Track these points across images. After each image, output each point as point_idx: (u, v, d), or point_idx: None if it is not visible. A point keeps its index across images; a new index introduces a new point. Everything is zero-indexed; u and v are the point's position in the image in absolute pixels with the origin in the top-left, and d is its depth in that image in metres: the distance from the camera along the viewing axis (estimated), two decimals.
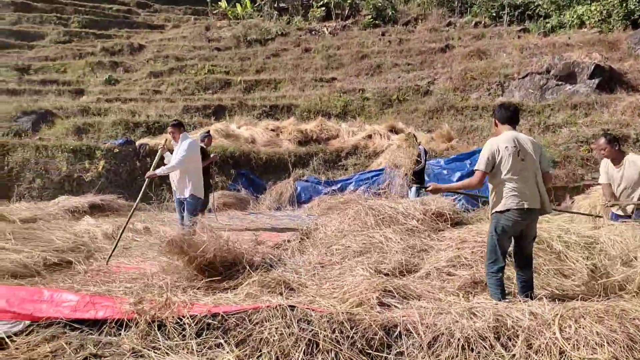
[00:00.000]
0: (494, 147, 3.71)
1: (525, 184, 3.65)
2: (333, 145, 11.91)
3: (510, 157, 3.65)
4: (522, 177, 3.66)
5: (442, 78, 15.47)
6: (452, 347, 2.96)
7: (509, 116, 3.83)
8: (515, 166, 3.64)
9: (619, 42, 15.01)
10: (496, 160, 3.68)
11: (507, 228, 3.66)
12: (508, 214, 3.64)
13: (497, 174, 3.70)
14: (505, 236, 3.70)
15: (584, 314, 3.12)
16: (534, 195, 3.65)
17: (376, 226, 5.02)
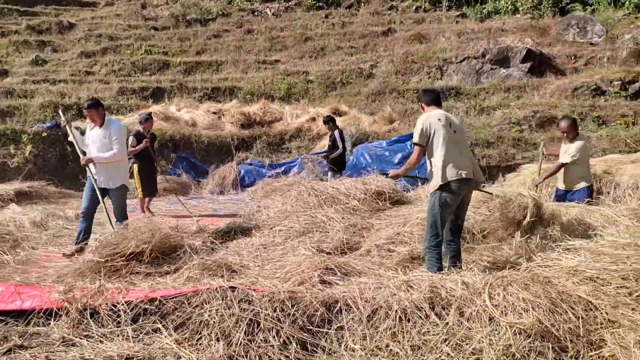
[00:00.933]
0: (426, 121, 3.84)
1: (460, 155, 3.81)
2: (277, 128, 11.83)
3: (443, 128, 3.79)
4: (456, 148, 3.81)
5: (384, 61, 15.69)
6: (390, 318, 3.05)
7: (433, 98, 4.03)
8: (448, 137, 3.78)
9: (548, 28, 15.81)
10: (430, 133, 3.80)
11: (449, 200, 3.79)
12: (449, 187, 3.76)
13: (433, 147, 3.81)
14: (447, 209, 3.82)
15: (512, 282, 3.30)
16: (469, 165, 3.82)
17: (319, 206, 5.06)
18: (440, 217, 3.81)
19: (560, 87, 12.82)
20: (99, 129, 5.04)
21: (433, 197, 3.85)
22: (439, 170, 3.78)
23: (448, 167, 3.76)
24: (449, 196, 3.78)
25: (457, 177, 3.75)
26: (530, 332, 2.89)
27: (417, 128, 3.86)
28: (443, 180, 3.76)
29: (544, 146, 6.54)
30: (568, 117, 6.01)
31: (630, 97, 12.30)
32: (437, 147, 3.79)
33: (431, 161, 3.88)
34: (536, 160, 6.53)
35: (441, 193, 3.79)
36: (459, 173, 3.76)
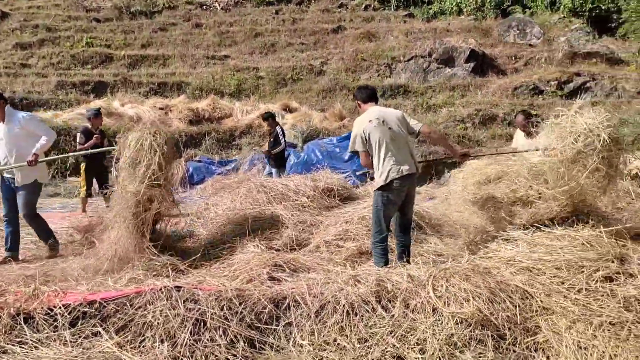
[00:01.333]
0: (359, 127, 3.91)
1: (399, 151, 3.86)
2: (226, 125, 11.66)
3: (378, 127, 3.84)
4: (394, 145, 3.85)
5: (334, 58, 15.79)
6: (338, 313, 3.09)
7: (369, 94, 4.07)
8: (385, 135, 3.83)
9: (491, 29, 16.46)
10: (365, 137, 3.86)
11: (392, 197, 3.86)
12: (391, 186, 3.83)
13: (372, 148, 3.87)
14: (390, 206, 3.89)
15: (454, 274, 3.42)
16: (409, 160, 3.90)
17: (268, 203, 5.04)
18: (383, 214, 3.87)
19: (502, 87, 13.39)
20: (2, 124, 4.52)
21: (376, 195, 3.91)
22: (380, 170, 3.86)
23: (388, 166, 3.82)
24: (392, 194, 3.85)
25: (399, 174, 3.82)
26: (471, 321, 3.01)
27: (353, 136, 3.94)
28: (384, 181, 3.83)
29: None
30: (524, 111, 6.14)
31: (565, 96, 13.03)
32: (375, 149, 3.86)
33: (374, 161, 3.94)
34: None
35: (383, 192, 3.86)
36: (400, 170, 3.82)
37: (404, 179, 3.86)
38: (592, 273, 3.34)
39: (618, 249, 3.53)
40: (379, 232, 3.90)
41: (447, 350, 2.84)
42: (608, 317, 2.95)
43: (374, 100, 4.06)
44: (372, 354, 2.83)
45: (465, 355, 2.83)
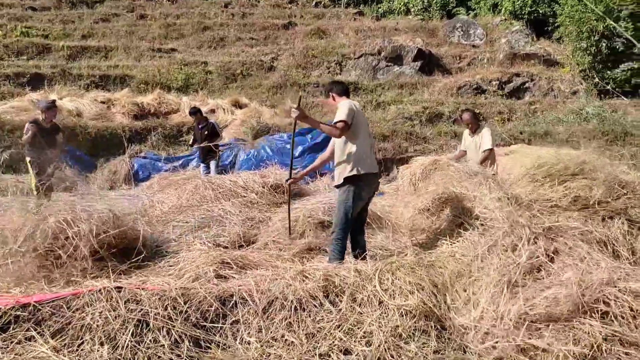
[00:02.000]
0: (352, 104, 3.80)
1: (371, 149, 3.92)
2: (173, 120, 11.34)
3: (362, 119, 3.85)
4: (369, 141, 3.89)
5: (285, 54, 15.72)
6: (286, 309, 3.08)
7: (345, 89, 4.04)
8: (365, 129, 3.86)
9: (437, 29, 16.94)
10: (354, 115, 3.74)
11: (364, 193, 3.83)
12: (364, 178, 3.78)
13: (353, 133, 3.75)
14: (360, 202, 3.84)
15: (400, 267, 3.50)
16: (374, 159, 3.97)
17: (216, 200, 4.95)
18: (352, 209, 3.78)
19: (447, 85, 13.82)
20: None
21: (347, 188, 3.78)
22: (357, 159, 3.75)
23: (364, 158, 3.77)
24: (364, 188, 3.81)
25: (371, 170, 3.82)
26: (415, 313, 3.09)
27: (344, 108, 3.72)
28: (359, 172, 3.74)
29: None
30: (469, 109, 6.32)
31: (506, 95, 13.64)
32: (358, 136, 3.77)
33: (347, 148, 3.79)
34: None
35: (357, 185, 3.76)
36: (372, 167, 3.84)
37: (374, 177, 3.89)
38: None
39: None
40: (343, 229, 3.80)
41: (393, 342, 2.90)
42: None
43: (348, 96, 4.02)
44: (319, 349, 2.85)
45: (410, 346, 2.90)
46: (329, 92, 4.06)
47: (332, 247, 3.86)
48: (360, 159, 3.76)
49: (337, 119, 3.71)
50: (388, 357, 2.81)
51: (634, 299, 2.86)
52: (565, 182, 4.44)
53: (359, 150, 3.76)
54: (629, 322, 2.75)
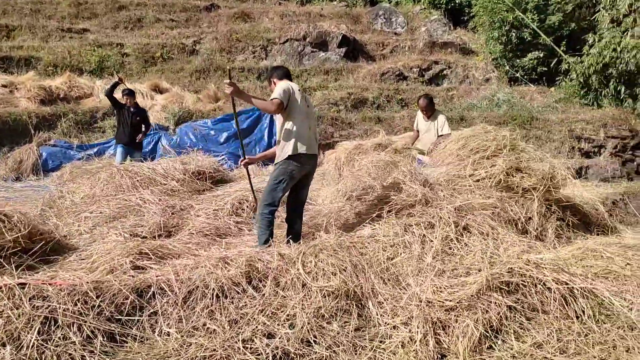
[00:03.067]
0: (289, 85, 3.83)
1: (309, 130, 3.91)
2: (86, 105, 10.60)
3: (300, 99, 3.84)
4: (308, 122, 3.88)
5: (208, 38, 15.20)
6: (207, 297, 3.02)
7: (286, 72, 4.05)
8: (303, 110, 3.85)
9: (360, 16, 17.16)
10: (290, 96, 3.78)
11: (294, 173, 3.84)
12: (298, 159, 3.81)
13: (290, 113, 3.80)
14: (291, 181, 3.87)
15: (323, 249, 3.55)
16: (314, 143, 3.97)
17: (133, 189, 4.71)
18: (282, 187, 3.83)
19: (371, 72, 14.09)
20: None
21: (280, 166, 3.84)
22: (292, 139, 3.79)
23: (301, 138, 3.81)
24: (297, 168, 3.83)
25: (307, 151, 3.84)
26: (337, 294, 3.15)
27: (280, 87, 3.78)
28: (294, 151, 3.78)
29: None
30: (426, 95, 6.50)
31: (426, 82, 14.16)
32: (294, 115, 3.80)
33: (284, 128, 3.85)
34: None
35: (289, 164, 3.81)
36: (309, 148, 3.85)
37: (310, 157, 3.90)
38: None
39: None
40: (270, 204, 3.84)
41: (316, 323, 2.95)
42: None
43: (289, 79, 4.01)
44: (242, 335, 2.82)
45: (332, 326, 2.97)
46: (270, 77, 4.10)
47: (260, 223, 3.87)
48: (296, 139, 3.80)
49: (273, 95, 3.78)
50: (311, 337, 2.85)
51: (535, 269, 3.11)
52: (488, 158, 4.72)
53: (294, 130, 3.80)
54: (530, 290, 2.99)
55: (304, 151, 3.82)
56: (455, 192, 4.45)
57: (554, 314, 2.82)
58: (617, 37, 11.35)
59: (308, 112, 3.95)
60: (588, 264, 3.34)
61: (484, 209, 4.19)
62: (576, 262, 3.36)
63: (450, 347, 2.75)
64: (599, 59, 11.58)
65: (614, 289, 3.09)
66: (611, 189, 7.24)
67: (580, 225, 4.75)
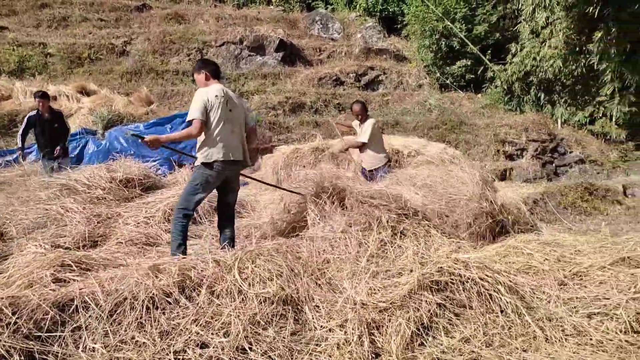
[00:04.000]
0: (205, 96, 3.73)
1: (232, 135, 3.81)
2: (4, 108, 9.87)
3: (220, 106, 3.74)
4: (229, 127, 3.79)
5: (139, 39, 14.67)
6: (137, 309, 2.89)
7: (217, 71, 3.96)
8: (223, 115, 3.74)
9: (297, 21, 17.27)
10: (207, 108, 3.70)
11: (211, 179, 3.76)
12: (214, 166, 3.73)
13: (207, 123, 3.72)
14: (208, 187, 3.80)
15: (259, 255, 3.51)
16: (239, 147, 3.87)
17: (55, 198, 4.42)
18: (198, 193, 3.76)
19: (308, 77, 14.20)
20: None
21: (198, 172, 3.78)
22: (208, 147, 3.73)
23: (217, 146, 3.73)
24: (212, 175, 3.76)
25: (224, 158, 3.75)
26: (274, 299, 3.13)
27: (196, 103, 3.71)
28: (208, 159, 3.72)
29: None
30: (359, 101, 6.53)
31: (362, 87, 14.48)
32: (212, 124, 3.72)
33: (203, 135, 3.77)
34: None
35: (204, 170, 3.75)
36: (226, 154, 3.76)
37: (228, 163, 3.81)
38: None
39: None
40: (185, 208, 3.75)
41: (251, 330, 2.90)
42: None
43: (218, 78, 3.94)
44: (174, 346, 2.72)
45: (268, 331, 2.93)
46: (200, 69, 3.95)
47: (174, 227, 3.74)
48: (212, 146, 3.74)
49: (189, 117, 3.71)
50: (246, 345, 2.80)
51: (463, 267, 3.24)
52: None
53: (210, 138, 3.74)
54: (458, 287, 3.12)
55: (221, 158, 3.75)
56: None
57: (480, 309, 2.96)
58: (536, 47, 12.20)
59: (231, 117, 3.84)
60: (511, 260, 3.54)
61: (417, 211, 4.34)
62: (500, 259, 3.55)
63: (384, 346, 2.80)
64: (521, 67, 12.39)
65: (533, 283, 3.29)
66: (532, 189, 7.74)
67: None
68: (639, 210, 7.28)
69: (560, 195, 7.38)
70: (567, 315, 3.03)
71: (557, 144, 11.14)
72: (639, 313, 2.92)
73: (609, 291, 3.10)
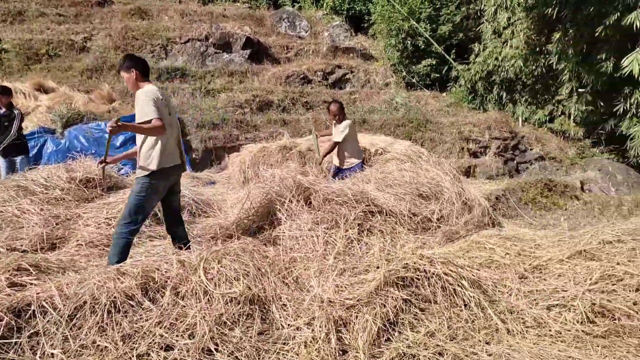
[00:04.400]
0: (152, 95, 3.46)
1: (172, 138, 3.66)
2: None
3: (164, 107, 3.56)
4: (170, 131, 3.60)
5: (101, 34, 14.22)
6: (98, 314, 2.81)
7: (147, 69, 3.65)
8: (167, 120, 3.53)
9: (264, 19, 17.12)
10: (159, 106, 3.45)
11: (161, 188, 3.62)
12: (162, 173, 3.56)
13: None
14: (156, 196, 3.62)
15: (225, 254, 3.47)
16: (177, 150, 3.73)
17: (10, 199, 4.24)
18: (147, 204, 3.55)
19: (276, 75, 14.11)
20: None
21: (143, 181, 3.53)
22: (155, 154, 3.52)
23: (164, 152, 3.55)
24: (161, 183, 3.59)
25: (172, 163, 3.62)
26: (240, 299, 3.10)
27: (149, 102, 3.38)
28: (159, 166, 3.52)
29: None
30: (336, 101, 6.50)
31: (330, 86, 14.50)
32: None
33: (146, 140, 3.54)
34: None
35: (152, 179, 3.52)
36: (173, 159, 3.63)
37: (175, 168, 3.68)
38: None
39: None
40: (133, 222, 3.50)
41: (217, 330, 2.87)
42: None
43: (148, 77, 3.64)
44: (137, 349, 2.67)
45: (235, 332, 2.90)
46: (129, 68, 3.60)
47: (116, 242, 3.47)
48: (160, 153, 3.53)
49: (146, 117, 3.37)
50: (212, 346, 2.76)
51: (428, 263, 3.30)
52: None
53: (158, 144, 3.53)
54: (423, 282, 3.17)
55: (169, 164, 3.59)
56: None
57: (445, 303, 3.01)
58: (498, 47, 12.53)
59: (170, 120, 3.64)
60: (474, 255, 3.63)
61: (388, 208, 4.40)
62: (463, 254, 3.63)
63: (351, 342, 2.82)
64: (483, 67, 12.70)
65: (495, 277, 3.38)
66: (495, 185, 7.95)
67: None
68: (595, 205, 7.59)
69: (521, 192, 7.61)
70: (527, 307, 3.13)
71: (519, 142, 11.48)
72: (594, 304, 3.04)
73: (567, 283, 3.22)
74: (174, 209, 3.89)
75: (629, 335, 2.86)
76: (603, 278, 3.14)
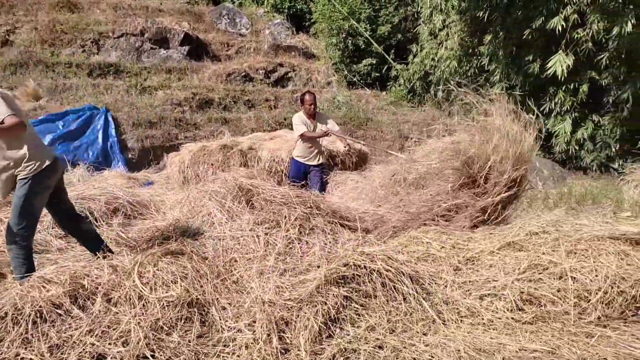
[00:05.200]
0: (2, 92, 3.24)
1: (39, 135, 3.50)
2: None
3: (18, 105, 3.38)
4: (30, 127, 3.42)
5: (25, 28, 13.34)
6: (21, 325, 2.63)
7: None
8: (23, 114, 3.35)
9: (204, 15, 16.71)
10: (8, 103, 3.19)
11: (50, 183, 3.41)
12: (49, 169, 3.36)
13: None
14: (46, 194, 3.41)
15: (162, 257, 3.36)
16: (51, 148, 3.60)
17: None
18: (36, 203, 3.34)
19: (216, 72, 13.83)
20: None
21: (29, 181, 3.27)
22: (35, 152, 3.31)
23: (43, 148, 3.44)
24: (47, 180, 3.37)
25: (54, 158, 3.45)
26: (178, 303, 3.00)
27: (5, 100, 3.15)
28: (43, 164, 3.32)
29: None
30: (310, 91, 6.37)
31: (272, 84, 14.41)
32: (28, 126, 3.32)
33: (20, 141, 3.27)
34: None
35: (40, 176, 3.31)
36: (52, 154, 3.47)
37: (59, 164, 3.50)
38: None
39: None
40: (27, 227, 3.27)
41: (154, 336, 2.77)
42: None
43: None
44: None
45: (172, 337, 2.82)
46: None
47: (17, 253, 3.26)
48: (40, 149, 3.39)
49: (3, 114, 3.08)
50: (148, 352, 2.66)
51: (368, 260, 3.34)
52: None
53: (32, 141, 3.35)
54: (364, 279, 3.21)
55: (49, 160, 3.38)
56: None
57: (384, 298, 3.07)
58: (434, 48, 12.97)
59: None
60: (412, 249, 3.73)
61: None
62: (402, 249, 3.72)
63: (292, 341, 2.81)
64: (421, 67, 13.11)
65: (432, 270, 3.49)
66: None
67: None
68: (523, 198, 8.02)
69: None
70: (461, 298, 3.25)
71: None
72: (522, 292, 3.21)
73: (497, 274, 3.37)
74: (69, 209, 3.72)
75: (553, 320, 3.05)
76: (530, 267, 3.32)
